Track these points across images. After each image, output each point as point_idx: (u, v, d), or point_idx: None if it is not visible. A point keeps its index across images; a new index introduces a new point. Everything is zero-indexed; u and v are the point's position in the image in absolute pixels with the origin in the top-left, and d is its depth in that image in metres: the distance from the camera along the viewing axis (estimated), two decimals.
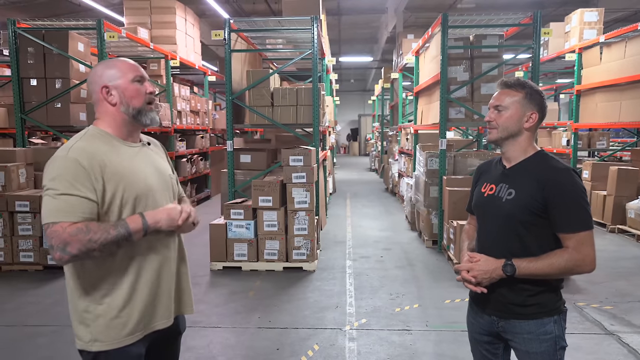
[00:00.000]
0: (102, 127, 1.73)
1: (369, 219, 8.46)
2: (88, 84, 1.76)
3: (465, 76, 6.27)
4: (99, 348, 1.65)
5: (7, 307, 4.38)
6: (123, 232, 1.58)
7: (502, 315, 1.84)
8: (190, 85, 12.90)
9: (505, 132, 1.82)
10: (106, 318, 1.65)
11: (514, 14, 6.32)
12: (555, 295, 1.81)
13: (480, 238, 1.95)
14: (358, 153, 29.44)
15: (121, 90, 1.71)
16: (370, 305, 4.35)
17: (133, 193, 1.67)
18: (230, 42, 6.10)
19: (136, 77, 1.74)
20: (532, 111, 1.80)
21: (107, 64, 1.75)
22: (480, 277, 1.77)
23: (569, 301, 4.32)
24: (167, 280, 1.79)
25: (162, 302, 1.78)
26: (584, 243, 1.70)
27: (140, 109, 1.74)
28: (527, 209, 1.75)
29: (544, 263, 1.70)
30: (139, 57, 9.21)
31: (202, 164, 10.41)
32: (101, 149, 1.66)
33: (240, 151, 6.68)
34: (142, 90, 1.74)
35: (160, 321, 1.78)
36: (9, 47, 6.25)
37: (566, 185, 1.71)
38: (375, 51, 21.40)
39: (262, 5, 13.23)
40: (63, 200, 1.54)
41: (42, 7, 13.08)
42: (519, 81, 1.82)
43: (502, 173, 1.89)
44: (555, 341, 1.78)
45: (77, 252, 1.52)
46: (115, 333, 1.65)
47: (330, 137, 10.53)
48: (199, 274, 5.33)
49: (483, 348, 1.97)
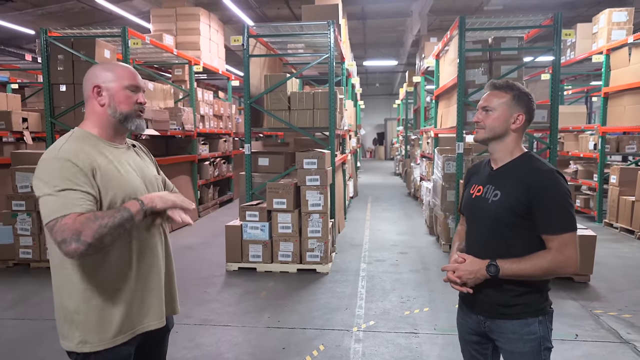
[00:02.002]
0: (87, 128, 1.76)
1: (388, 223, 8.44)
2: (83, 81, 1.78)
3: (483, 79, 6.21)
4: (89, 349, 1.66)
5: (33, 302, 4.59)
6: (126, 214, 1.60)
7: (488, 315, 1.86)
8: (215, 89, 13.16)
9: (492, 133, 1.84)
10: (96, 319, 1.66)
11: (534, 16, 6.22)
12: (541, 296, 1.81)
13: (468, 239, 1.97)
14: (384, 157, 29.31)
15: (112, 93, 1.74)
16: (380, 308, 4.36)
17: (121, 194, 1.69)
18: (249, 47, 6.23)
19: (131, 85, 1.77)
20: (519, 113, 1.82)
21: (106, 66, 1.78)
22: (465, 278, 1.79)
23: (585, 308, 4.26)
24: (156, 282, 1.82)
25: (152, 302, 1.80)
26: (567, 245, 1.70)
27: (127, 114, 1.76)
28: (511, 211, 1.76)
29: (527, 264, 1.71)
30: (164, 63, 9.50)
31: (224, 167, 10.60)
32: (86, 150, 1.67)
33: (259, 154, 6.79)
34: (133, 99, 1.77)
35: (152, 322, 1.80)
36: (41, 55, 6.56)
37: (549, 187, 1.72)
38: (401, 55, 21.32)
39: (285, 10, 13.40)
40: (65, 196, 1.56)
41: (77, 16, 13.61)
42: (507, 83, 1.84)
43: (489, 174, 1.90)
44: (539, 342, 1.78)
45: (92, 240, 1.52)
46: (105, 334, 1.67)
47: (351, 140, 10.55)
48: (215, 274, 5.45)
49: (472, 348, 1.99)
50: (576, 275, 5.00)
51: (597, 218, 8.25)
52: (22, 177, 5.60)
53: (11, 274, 5.46)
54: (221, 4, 11.52)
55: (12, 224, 5.61)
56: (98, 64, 1.84)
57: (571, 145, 9.79)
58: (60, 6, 12.82)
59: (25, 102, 9.66)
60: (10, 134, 7.74)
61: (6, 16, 12.95)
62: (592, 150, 8.74)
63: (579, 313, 4.20)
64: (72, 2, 12.58)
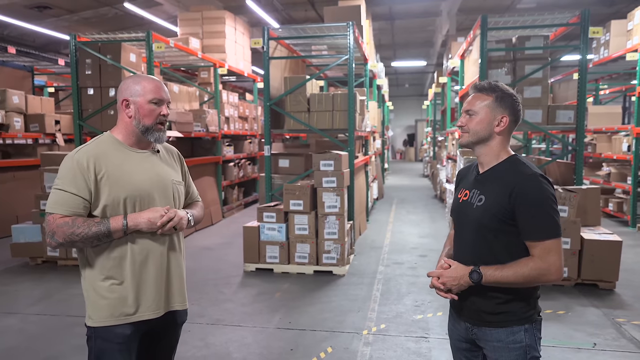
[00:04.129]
0: (115, 134, 1.98)
1: (411, 226, 8.34)
2: (117, 91, 1.98)
3: (507, 79, 6.05)
4: (90, 324, 1.90)
5: (56, 298, 4.76)
6: (104, 229, 1.81)
7: (475, 322, 1.82)
8: (243, 92, 13.32)
9: (476, 137, 1.80)
10: (96, 298, 1.88)
11: (560, 14, 6.03)
12: (527, 304, 1.76)
13: (455, 244, 1.93)
14: (414, 159, 28.98)
15: (138, 106, 1.92)
16: (392, 311, 4.32)
17: (123, 194, 1.86)
18: (269, 49, 6.28)
19: (154, 99, 1.93)
20: (502, 115, 1.77)
21: (135, 80, 1.95)
22: (450, 284, 1.76)
23: (606, 316, 4.10)
24: (154, 274, 1.93)
25: (148, 294, 1.92)
26: (550, 252, 1.64)
27: (149, 127, 1.94)
28: (495, 216, 1.72)
29: (509, 271, 1.67)
30: (190, 66, 9.69)
31: (249, 168, 10.72)
32: (106, 152, 1.89)
33: (279, 156, 6.84)
34: (156, 112, 1.94)
35: (146, 312, 1.92)
36: (70, 60, 6.80)
37: (532, 191, 1.67)
38: (431, 55, 21.05)
39: (311, 12, 13.44)
40: (59, 195, 1.81)
41: (111, 22, 14.07)
42: (490, 85, 1.79)
43: (475, 179, 1.87)
44: (525, 350, 1.73)
45: (62, 241, 1.79)
46: (102, 314, 1.88)
47: (375, 142, 10.48)
48: (232, 274, 5.52)
49: (463, 355, 1.95)
50: (600, 282, 4.81)
51: (631, 222, 7.91)
52: (50, 177, 5.82)
53: (39, 271, 5.69)
54: (249, 7, 11.66)
55: (41, 222, 5.84)
56: (130, 76, 2.00)
57: (604, 146, 9.44)
58: (95, 12, 13.27)
59: (59, 105, 10.04)
60: (43, 135, 8.06)
61: (44, 22, 13.50)
62: (626, 152, 8.40)
63: (599, 321, 4.04)
64: (105, 8, 13.00)
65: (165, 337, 2.10)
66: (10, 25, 13.52)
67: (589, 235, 4.91)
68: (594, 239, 4.80)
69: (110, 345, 1.88)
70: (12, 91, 7.68)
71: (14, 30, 14.33)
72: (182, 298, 2.06)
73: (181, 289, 2.06)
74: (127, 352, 1.91)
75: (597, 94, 12.20)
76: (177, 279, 2.03)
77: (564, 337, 3.74)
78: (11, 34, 14.58)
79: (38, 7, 12.54)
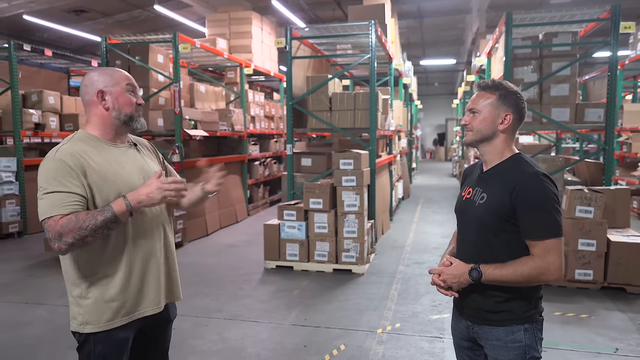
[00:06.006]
0: (90, 130, 1.87)
1: (435, 226, 8.25)
2: (82, 87, 1.87)
3: (533, 77, 5.92)
4: (89, 330, 1.80)
5: None
6: (109, 215, 1.69)
7: (475, 320, 1.81)
8: (270, 91, 13.45)
9: (479, 135, 1.79)
10: (96, 303, 1.80)
11: (589, 9, 5.85)
12: (527, 303, 1.73)
13: (458, 242, 1.95)
14: (444, 158, 28.59)
15: (115, 96, 1.85)
16: (409, 311, 4.30)
17: (115, 191, 1.78)
18: (292, 49, 6.33)
19: (129, 85, 1.88)
20: (506, 112, 1.75)
21: (102, 71, 1.88)
22: (450, 282, 1.75)
23: (632, 321, 3.99)
24: (153, 269, 1.92)
25: (149, 289, 1.90)
26: (550, 251, 1.62)
27: (132, 115, 1.88)
28: (496, 215, 1.71)
29: (508, 270, 1.65)
30: (217, 66, 9.86)
31: (275, 167, 10.83)
32: (86, 150, 1.79)
33: (302, 155, 6.90)
34: (133, 100, 1.89)
35: (149, 307, 1.90)
36: (101, 61, 7.05)
37: (533, 190, 1.65)
38: (461, 53, 20.71)
39: (338, 12, 13.45)
40: (54, 197, 1.69)
41: (143, 24, 14.45)
42: (494, 83, 1.78)
43: (479, 177, 1.86)
44: (524, 350, 1.71)
45: (73, 240, 1.66)
46: (103, 317, 1.80)
47: (401, 141, 10.41)
48: (253, 271, 5.60)
49: (465, 354, 1.94)
50: (628, 286, 4.65)
51: None
52: None
53: None
54: (276, 8, 11.77)
55: None
56: (91, 69, 1.96)
57: (638, 146, 9.08)
58: (128, 14, 13.67)
59: None
60: None
61: (81, 25, 14.00)
62: None
63: (624, 326, 3.91)
64: (138, 11, 13.37)
65: (157, 336, 2.06)
66: (50, 29, 14.07)
67: (616, 237, 4.75)
68: (621, 241, 4.65)
69: (112, 350, 1.83)
70: (48, 92, 8.01)
71: (53, 34, 14.92)
72: (178, 291, 2.06)
73: (177, 283, 2.06)
74: (126, 355, 1.89)
75: (635, 91, 11.75)
76: (175, 271, 2.04)
77: (585, 341, 3.64)
78: (50, 37, 15.19)
79: (75, 11, 13.02)
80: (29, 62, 8.87)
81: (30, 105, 7.81)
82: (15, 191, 7.42)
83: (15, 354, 3.57)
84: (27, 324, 4.10)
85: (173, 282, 2.05)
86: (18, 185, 7.45)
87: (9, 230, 7.32)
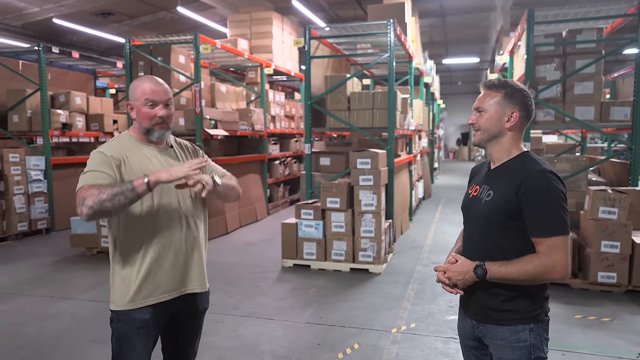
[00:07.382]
0: (131, 132, 2.14)
1: (455, 226, 8.17)
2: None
3: (555, 75, 5.80)
4: (114, 308, 2.05)
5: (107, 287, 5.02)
6: (128, 185, 1.87)
7: (480, 319, 1.81)
8: (291, 91, 13.52)
9: (487, 134, 1.79)
10: (120, 285, 2.02)
11: (616, 4, 5.70)
12: (533, 302, 1.72)
13: (464, 239, 1.95)
14: (467, 158, 28.22)
15: (136, 110, 2.06)
16: (425, 311, 4.27)
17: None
18: (311, 48, 6.36)
19: (147, 100, 2.02)
20: (512, 110, 1.75)
21: (135, 84, 2.07)
22: (455, 279, 1.76)
23: None
24: (171, 258, 2.05)
25: (167, 276, 2.04)
26: (556, 249, 1.61)
27: (148, 128, 2.06)
28: (502, 212, 1.71)
29: (513, 267, 1.65)
30: (238, 66, 9.97)
31: (295, 167, 10.88)
32: (125, 147, 2.06)
33: (320, 154, 6.93)
34: (152, 114, 2.03)
35: (166, 294, 2.05)
36: (125, 62, 7.21)
37: (540, 187, 1.64)
38: (485, 51, 20.43)
39: (359, 11, 13.43)
40: (88, 174, 1.96)
41: (168, 25, 14.73)
42: (500, 81, 1.78)
43: (486, 174, 1.86)
44: (530, 350, 1.69)
45: (92, 204, 1.82)
46: (125, 298, 2.01)
47: (421, 141, 10.33)
48: (270, 269, 5.65)
49: (471, 353, 1.94)
50: None
51: None
52: None
53: (94, 261, 6.08)
54: (297, 8, 11.83)
55: None
56: (135, 79, 2.12)
57: None
58: (153, 16, 13.95)
59: (118, 105, 10.64)
60: (102, 134, 8.59)
61: (108, 28, 14.35)
62: None
63: None
64: (162, 13, 13.64)
65: (185, 323, 2.21)
66: (78, 32, 14.47)
67: None
68: None
69: (129, 328, 2.02)
70: (75, 93, 8.24)
71: (81, 37, 15.34)
72: (200, 281, 2.14)
73: (200, 273, 2.13)
74: (145, 336, 2.04)
75: None
76: (197, 261, 2.12)
77: (605, 345, 3.56)
78: (78, 39, 15.62)
79: (102, 13, 13.36)
80: (57, 63, 9.14)
81: (58, 106, 8.05)
82: (43, 189, 7.66)
83: (39, 345, 3.70)
84: (53, 317, 4.24)
85: (196, 272, 2.12)
86: (46, 183, 7.68)
87: (38, 227, 7.57)
